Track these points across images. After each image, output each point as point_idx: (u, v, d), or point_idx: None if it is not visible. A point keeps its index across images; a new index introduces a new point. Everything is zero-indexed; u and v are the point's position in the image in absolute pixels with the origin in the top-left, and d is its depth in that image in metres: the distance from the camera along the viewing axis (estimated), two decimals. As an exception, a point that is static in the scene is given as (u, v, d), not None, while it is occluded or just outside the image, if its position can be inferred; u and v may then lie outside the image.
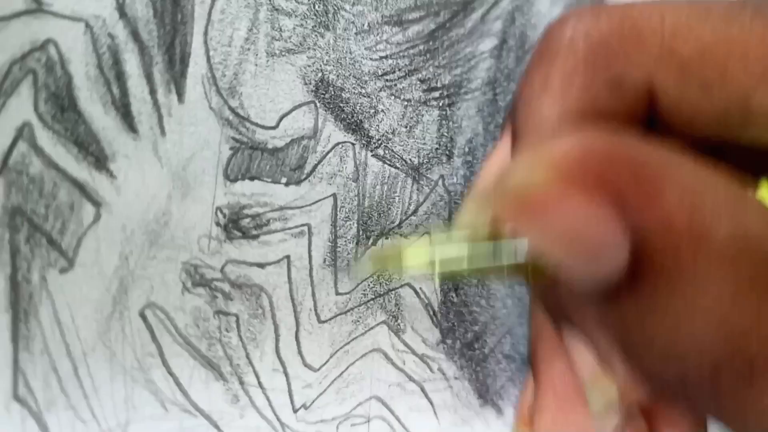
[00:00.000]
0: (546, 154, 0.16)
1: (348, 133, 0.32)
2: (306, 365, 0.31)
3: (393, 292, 0.33)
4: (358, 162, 0.32)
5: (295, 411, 0.31)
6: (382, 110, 0.32)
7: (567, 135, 0.17)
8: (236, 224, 0.30)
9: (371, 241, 0.32)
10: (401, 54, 0.33)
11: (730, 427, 0.19)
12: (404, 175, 0.33)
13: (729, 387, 0.16)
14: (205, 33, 0.29)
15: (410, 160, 0.33)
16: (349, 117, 0.32)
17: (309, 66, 0.31)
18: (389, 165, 0.32)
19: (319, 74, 0.31)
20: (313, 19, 0.31)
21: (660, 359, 0.17)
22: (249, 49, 0.30)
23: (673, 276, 0.15)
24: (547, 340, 0.28)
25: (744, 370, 0.16)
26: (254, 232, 0.30)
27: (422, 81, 0.33)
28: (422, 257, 0.21)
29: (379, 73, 0.32)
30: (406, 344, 0.33)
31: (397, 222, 0.32)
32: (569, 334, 0.24)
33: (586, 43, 0.20)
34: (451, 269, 0.20)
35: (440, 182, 0.33)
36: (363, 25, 0.32)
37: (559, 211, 0.15)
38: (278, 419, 0.31)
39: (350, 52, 0.32)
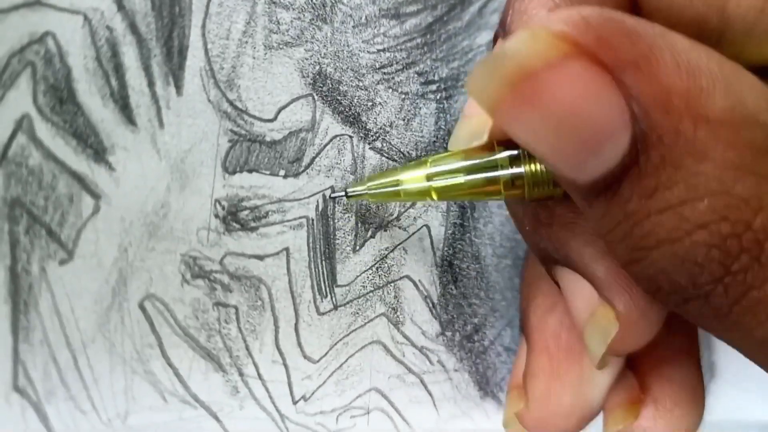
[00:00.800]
0: (543, 25, 0.15)
1: (346, 125, 0.32)
2: (305, 357, 0.31)
3: (392, 284, 0.33)
4: (356, 154, 0.32)
5: (295, 402, 0.31)
6: (380, 103, 0.32)
7: (562, 9, 0.17)
8: (235, 216, 0.30)
9: (369, 233, 0.32)
10: (399, 47, 0.33)
11: (736, 336, 0.18)
12: (402, 167, 0.33)
13: (738, 273, 0.16)
14: (203, 26, 0.30)
15: (408, 152, 0.33)
16: (347, 110, 0.32)
17: (307, 59, 0.31)
18: (387, 157, 0.32)
19: (317, 67, 0.31)
20: (310, 12, 0.31)
21: (668, 249, 0.16)
22: (247, 42, 0.30)
23: (675, 147, 0.15)
24: (539, 299, 0.28)
25: (752, 251, 0.15)
26: (253, 224, 0.30)
27: (420, 74, 0.33)
28: (419, 176, 0.21)
29: (377, 66, 0.32)
30: (405, 336, 0.33)
31: (395, 214, 0.33)
32: (563, 275, 0.23)
33: None
34: (448, 185, 0.20)
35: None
36: (360, 18, 0.32)
37: (559, 83, 0.15)
38: (278, 410, 0.31)
39: (348, 45, 0.32)
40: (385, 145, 0.32)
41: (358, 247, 0.32)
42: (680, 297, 0.17)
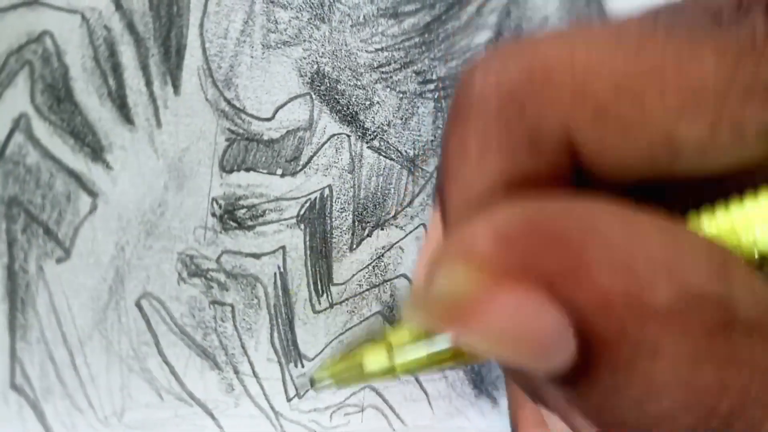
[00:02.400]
0: (463, 253, 0.15)
1: (343, 124, 0.32)
2: (301, 355, 0.31)
3: (388, 282, 0.33)
4: (353, 153, 0.32)
5: (289, 400, 0.31)
6: (378, 102, 0.32)
7: (477, 220, 0.16)
8: (232, 215, 0.30)
9: (366, 232, 0.32)
10: (397, 46, 0.33)
11: None
12: (400, 166, 0.33)
13: None
14: (201, 25, 0.30)
15: (406, 151, 0.33)
16: (345, 109, 0.32)
17: (305, 58, 0.31)
18: (385, 157, 0.33)
19: (315, 66, 0.31)
20: (308, 11, 0.31)
21: None
22: (245, 41, 0.30)
23: (624, 352, 0.14)
24: (527, 412, 0.27)
25: (722, 430, 0.15)
26: (250, 223, 0.30)
27: (418, 73, 0.33)
28: (382, 363, 0.21)
29: (375, 66, 0.32)
30: (400, 334, 0.33)
31: (392, 213, 0.33)
32: (544, 409, 0.23)
33: (497, 95, 0.18)
34: (413, 370, 0.20)
35: (436, 174, 0.34)
36: (358, 17, 0.32)
37: (492, 314, 0.14)
38: (272, 408, 0.31)
39: (346, 44, 0.32)
40: (382, 144, 0.33)
41: (354, 246, 0.32)
42: None
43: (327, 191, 0.32)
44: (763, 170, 0.19)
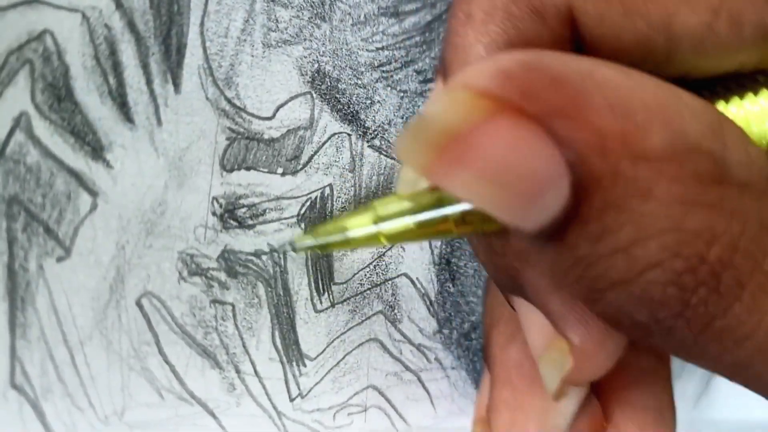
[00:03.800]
0: (462, 83, 0.15)
1: (344, 123, 0.32)
2: (302, 354, 0.31)
3: (389, 281, 0.33)
4: (354, 153, 0.32)
5: (292, 400, 0.31)
6: (379, 101, 0.32)
7: (481, 61, 0.16)
8: (232, 214, 0.30)
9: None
10: (397, 45, 0.33)
11: (707, 362, 0.17)
12: (400, 165, 0.33)
13: (698, 306, 0.15)
14: (202, 24, 0.30)
15: (406, 150, 0.33)
16: (346, 108, 0.32)
17: (305, 57, 0.31)
18: (385, 156, 0.32)
19: (316, 65, 0.31)
20: (309, 10, 0.31)
21: (622, 290, 0.16)
22: (245, 40, 0.30)
23: (616, 190, 0.15)
24: (500, 327, 0.26)
25: (709, 283, 0.15)
26: (250, 222, 0.30)
27: (418, 72, 0.33)
28: (365, 221, 0.20)
29: (376, 65, 0.32)
30: (402, 334, 0.33)
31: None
32: (520, 305, 0.23)
33: None
34: (396, 229, 0.19)
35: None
36: (359, 16, 0.32)
37: (487, 147, 0.14)
38: (274, 408, 0.31)
39: (346, 43, 0.32)
40: (383, 143, 0.32)
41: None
42: (643, 332, 0.17)
43: (328, 190, 0.32)
44: (763, 70, 0.19)
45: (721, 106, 0.18)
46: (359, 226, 0.21)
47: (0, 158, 0.27)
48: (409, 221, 0.19)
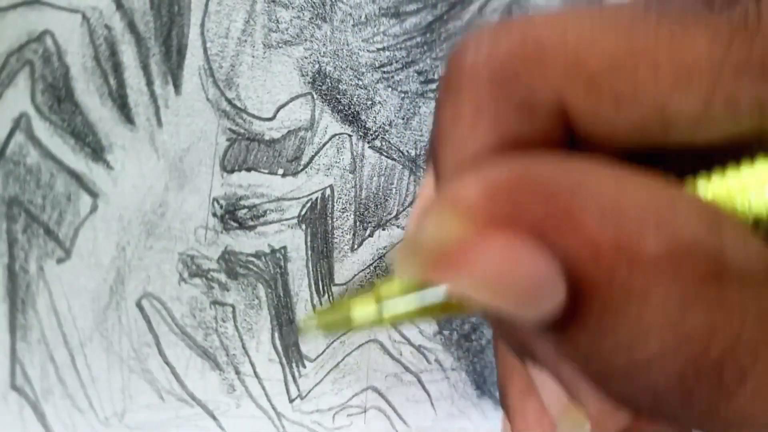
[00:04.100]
0: (451, 201, 0.15)
1: (345, 124, 0.32)
2: (302, 355, 0.31)
3: (390, 283, 0.33)
4: (355, 153, 0.32)
5: (291, 401, 0.31)
6: (379, 102, 0.32)
7: (468, 174, 0.16)
8: (233, 215, 0.30)
9: (367, 232, 0.32)
10: (398, 46, 0.33)
11: None
12: (401, 166, 0.33)
13: (702, 396, 0.16)
14: (202, 24, 0.30)
15: (407, 151, 0.33)
16: (346, 109, 0.32)
17: (306, 58, 0.31)
18: (386, 157, 0.32)
19: (316, 66, 0.31)
20: (310, 10, 0.31)
21: (626, 380, 0.16)
22: (246, 41, 0.30)
23: (613, 296, 0.15)
24: (516, 378, 0.27)
25: (712, 376, 0.15)
26: (251, 223, 0.30)
27: (419, 73, 0.33)
28: (370, 314, 0.20)
29: (376, 65, 0.32)
30: (402, 335, 0.33)
31: (393, 213, 0.33)
32: (534, 368, 0.23)
33: (489, 67, 0.19)
34: (401, 320, 0.20)
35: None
36: (360, 17, 0.32)
37: (480, 260, 0.14)
38: (274, 409, 0.31)
39: (347, 44, 0.32)
40: (384, 143, 0.32)
41: (356, 246, 0.32)
42: (650, 414, 0.17)
43: (328, 191, 0.32)
44: (759, 139, 0.19)
45: (717, 177, 0.18)
46: (364, 316, 0.21)
47: (0, 159, 0.27)
48: (414, 308, 0.20)
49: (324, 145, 0.31)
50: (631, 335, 0.15)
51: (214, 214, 0.30)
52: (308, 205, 0.31)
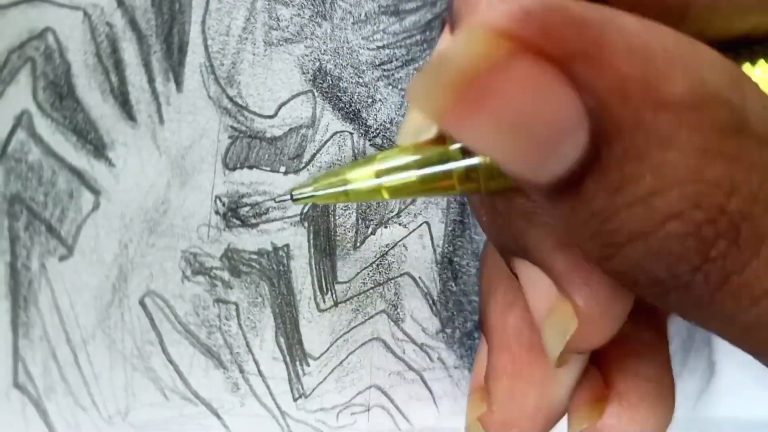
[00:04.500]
0: (482, 22, 0.14)
1: (346, 122, 0.32)
2: (306, 353, 0.31)
3: (392, 281, 0.33)
4: (356, 151, 0.32)
5: (295, 399, 0.31)
6: (380, 100, 0.32)
7: (499, 3, 0.16)
8: (235, 213, 0.30)
9: (370, 230, 0.32)
10: (398, 44, 0.33)
11: (718, 323, 0.17)
12: (402, 164, 0.33)
13: (717, 261, 0.15)
14: (203, 22, 0.30)
15: (408, 149, 0.33)
16: (347, 106, 0.32)
17: (307, 55, 0.31)
18: (387, 154, 0.32)
19: (317, 63, 0.31)
20: (310, 8, 0.31)
21: (639, 244, 0.15)
22: (247, 39, 0.30)
23: (637, 137, 0.14)
24: (498, 295, 0.26)
25: (728, 237, 0.15)
26: (253, 221, 0.30)
27: (419, 71, 0.33)
28: (367, 173, 0.19)
29: (377, 63, 0.32)
30: (405, 333, 0.33)
31: (395, 211, 0.32)
32: (522, 267, 0.22)
33: None
34: (398, 182, 0.19)
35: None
36: (360, 14, 0.32)
37: (506, 87, 0.14)
38: (278, 407, 0.31)
39: (348, 42, 0.32)
40: (385, 141, 0.32)
41: (358, 244, 0.32)
42: (659, 289, 0.16)
43: (330, 189, 0.32)
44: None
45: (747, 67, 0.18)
46: (361, 179, 0.20)
47: (2, 157, 0.27)
48: (412, 176, 0.19)
49: (325, 142, 0.31)
50: (651, 185, 0.14)
51: (217, 212, 0.30)
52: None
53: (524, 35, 0.14)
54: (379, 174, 0.19)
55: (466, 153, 0.19)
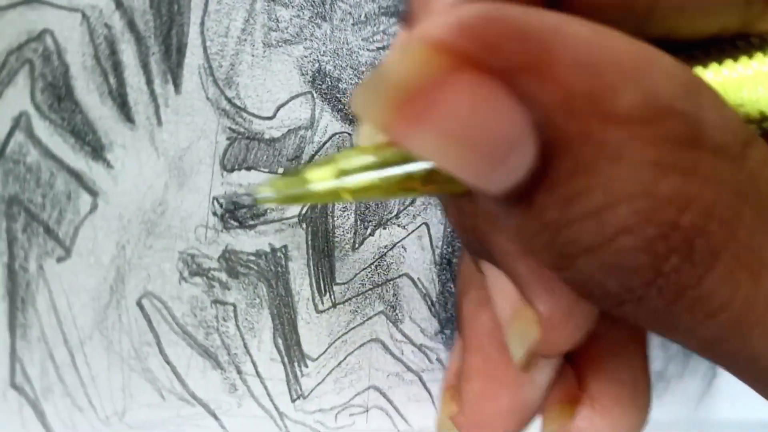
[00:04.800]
0: (420, 38, 0.14)
1: (345, 123, 0.32)
2: (304, 355, 0.31)
3: (391, 282, 0.33)
4: (355, 152, 0.32)
5: (293, 400, 0.31)
6: (380, 101, 0.32)
7: (440, 13, 0.15)
8: (233, 214, 0.30)
9: (368, 231, 0.32)
10: (398, 44, 0.33)
11: (679, 336, 0.17)
12: (402, 165, 0.33)
13: (670, 275, 0.15)
14: (202, 23, 0.30)
15: (408, 150, 0.33)
16: (346, 107, 0.32)
17: (306, 56, 0.31)
18: (387, 155, 0.32)
19: (316, 65, 0.31)
20: (309, 9, 0.31)
21: (592, 256, 0.15)
22: (246, 40, 0.30)
23: (586, 152, 0.14)
24: (471, 293, 0.26)
25: (682, 252, 0.15)
26: (251, 222, 0.30)
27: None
28: (327, 174, 0.19)
29: (377, 64, 0.32)
30: (404, 334, 0.33)
31: (394, 212, 0.32)
32: (488, 270, 0.22)
33: None
34: (359, 185, 0.18)
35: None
36: (360, 15, 0.32)
37: (449, 101, 0.13)
38: (276, 408, 0.31)
39: (347, 43, 0.32)
40: (384, 142, 0.32)
41: (357, 245, 0.32)
42: (614, 301, 0.16)
43: (329, 190, 0.32)
44: (743, 32, 0.18)
45: (698, 71, 0.18)
46: (321, 179, 0.20)
47: (0, 158, 0.27)
48: (373, 176, 0.18)
49: (324, 144, 0.31)
50: (601, 199, 0.14)
51: (215, 213, 0.30)
52: (309, 203, 0.31)
53: (464, 49, 0.14)
54: (339, 175, 0.19)
55: None
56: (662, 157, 0.14)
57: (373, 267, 0.32)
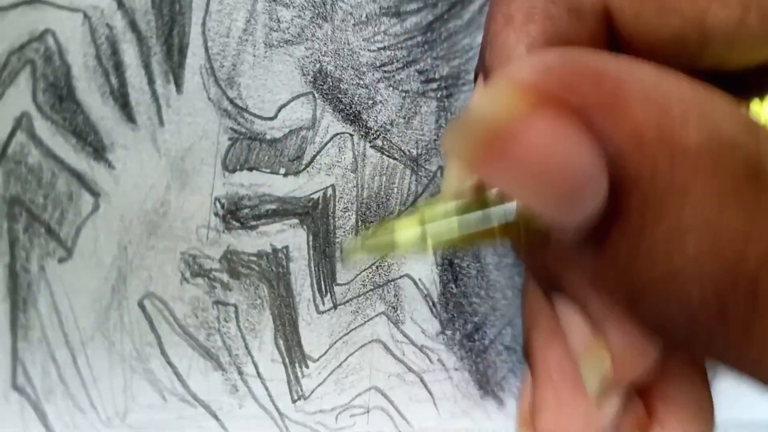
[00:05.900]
0: (506, 80, 0.15)
1: (346, 123, 0.32)
2: (305, 355, 0.31)
3: (392, 282, 0.33)
4: (356, 153, 0.32)
5: (294, 401, 0.31)
6: (381, 101, 0.32)
7: (523, 59, 0.16)
8: (234, 215, 0.30)
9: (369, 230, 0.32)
10: (399, 45, 0.33)
11: (741, 369, 0.17)
12: (403, 166, 0.33)
13: (736, 311, 0.15)
14: (203, 24, 0.30)
15: (409, 151, 0.33)
16: (348, 108, 0.32)
17: (307, 57, 0.31)
18: (388, 156, 0.32)
19: (318, 65, 0.31)
20: (311, 10, 0.31)
21: (661, 295, 0.16)
22: (247, 40, 0.30)
23: (654, 185, 0.15)
24: (540, 324, 0.27)
25: (747, 286, 0.15)
26: (252, 223, 0.30)
27: (420, 72, 0.33)
28: (413, 235, 0.20)
29: (377, 65, 0.32)
30: (405, 335, 0.33)
31: (395, 213, 0.32)
32: (561, 304, 0.23)
33: None
34: (443, 242, 0.20)
35: (439, 173, 0.33)
36: (361, 16, 0.32)
37: (530, 134, 0.14)
38: (277, 409, 0.31)
39: (348, 43, 0.32)
40: (385, 143, 0.32)
41: (350, 243, 0.32)
42: (682, 335, 0.17)
43: (330, 191, 0.32)
44: None
45: (754, 104, 0.19)
46: (407, 240, 0.21)
47: (1, 159, 0.27)
48: (456, 234, 0.19)
49: (325, 144, 0.31)
50: (669, 232, 0.15)
51: (216, 214, 0.30)
52: (310, 204, 0.31)
53: (546, 88, 0.15)
54: (422, 221, 0.20)
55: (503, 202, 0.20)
56: (725, 190, 0.15)
57: (374, 268, 0.32)
